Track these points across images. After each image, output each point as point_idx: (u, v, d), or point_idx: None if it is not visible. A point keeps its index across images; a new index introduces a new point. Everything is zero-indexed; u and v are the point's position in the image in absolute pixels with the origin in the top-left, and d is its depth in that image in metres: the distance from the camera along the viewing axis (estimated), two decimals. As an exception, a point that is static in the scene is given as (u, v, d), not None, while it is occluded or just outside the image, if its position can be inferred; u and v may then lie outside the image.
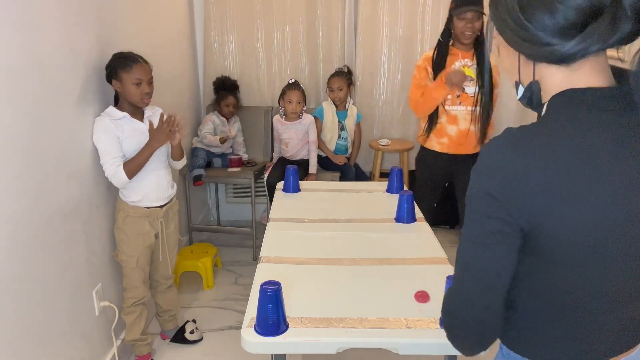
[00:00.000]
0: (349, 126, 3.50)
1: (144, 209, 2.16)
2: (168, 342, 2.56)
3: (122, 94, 2.07)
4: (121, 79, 2.03)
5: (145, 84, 2.05)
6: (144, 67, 2.07)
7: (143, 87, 2.05)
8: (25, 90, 1.63)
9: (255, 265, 1.75)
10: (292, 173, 2.46)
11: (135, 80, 2.03)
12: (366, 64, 3.60)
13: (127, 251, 2.17)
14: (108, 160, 2.03)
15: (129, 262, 2.18)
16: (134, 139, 2.09)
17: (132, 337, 2.28)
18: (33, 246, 1.69)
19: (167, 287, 2.44)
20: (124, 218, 2.15)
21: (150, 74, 2.10)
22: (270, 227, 2.05)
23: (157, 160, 2.17)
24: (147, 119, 2.15)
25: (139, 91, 2.04)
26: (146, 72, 2.07)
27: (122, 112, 2.07)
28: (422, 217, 2.15)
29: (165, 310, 2.49)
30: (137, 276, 2.21)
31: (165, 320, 2.52)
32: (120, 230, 2.16)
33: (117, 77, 2.03)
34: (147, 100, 2.09)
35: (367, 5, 3.49)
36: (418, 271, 1.71)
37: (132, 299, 2.23)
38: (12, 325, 1.59)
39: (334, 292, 1.58)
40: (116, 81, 2.05)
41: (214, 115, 3.39)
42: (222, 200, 4.04)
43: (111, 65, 2.05)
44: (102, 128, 2.03)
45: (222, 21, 3.56)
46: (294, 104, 3.23)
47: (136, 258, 2.18)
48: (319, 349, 1.36)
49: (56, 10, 1.80)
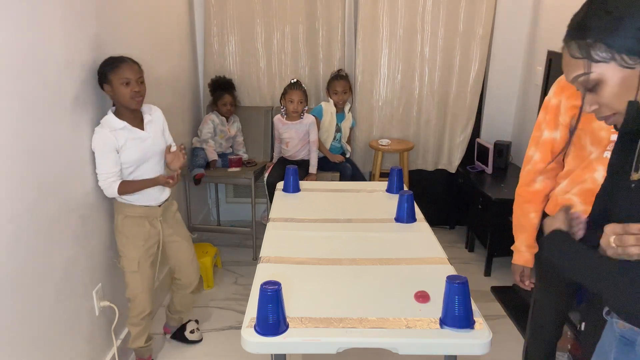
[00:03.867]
0: (345, 129, 3.55)
1: (142, 208, 2.15)
2: (168, 337, 2.58)
3: (113, 97, 2.03)
4: (110, 82, 1.99)
5: (134, 82, 2.00)
6: (132, 66, 2.02)
7: (132, 86, 1.99)
8: (25, 91, 1.63)
9: (255, 265, 1.75)
10: (292, 173, 2.46)
11: (123, 80, 1.98)
12: (366, 64, 3.60)
13: (127, 254, 2.15)
14: (102, 174, 2.02)
15: (130, 265, 2.15)
16: (134, 148, 2.06)
17: (137, 345, 2.28)
18: (33, 246, 1.69)
19: (188, 292, 2.44)
20: (123, 220, 2.13)
21: (140, 73, 2.04)
22: (270, 227, 2.05)
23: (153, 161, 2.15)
24: (147, 125, 2.12)
25: (128, 90, 1.99)
26: (134, 70, 2.01)
27: (122, 122, 2.02)
28: (422, 217, 2.15)
29: (178, 310, 2.51)
30: (138, 282, 2.17)
31: (172, 318, 2.54)
32: (120, 233, 2.14)
33: (107, 79, 2.00)
34: (137, 99, 2.03)
35: (367, 5, 3.49)
36: (418, 271, 1.71)
37: (136, 310, 2.21)
38: (12, 325, 1.59)
39: (334, 292, 1.58)
40: (107, 85, 2.01)
41: (213, 115, 3.40)
42: (222, 200, 4.04)
43: (100, 69, 2.02)
44: (101, 141, 2.00)
45: (222, 21, 3.56)
46: (295, 103, 3.23)
47: (137, 261, 2.15)
48: (319, 349, 1.36)
49: (56, 10, 1.80)
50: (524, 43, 3.61)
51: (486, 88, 3.74)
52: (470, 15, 3.48)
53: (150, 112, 2.17)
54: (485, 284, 3.15)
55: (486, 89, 3.74)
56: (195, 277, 2.42)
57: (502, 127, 3.82)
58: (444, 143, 3.78)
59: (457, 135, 3.73)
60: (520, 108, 3.70)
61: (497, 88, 3.74)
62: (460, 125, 3.70)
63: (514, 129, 3.79)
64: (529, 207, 1.77)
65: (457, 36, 3.52)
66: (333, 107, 3.44)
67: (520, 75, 3.69)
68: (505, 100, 3.76)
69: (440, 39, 3.54)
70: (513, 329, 2.67)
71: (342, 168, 3.44)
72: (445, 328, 1.40)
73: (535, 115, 2.96)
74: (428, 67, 3.60)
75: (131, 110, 2.06)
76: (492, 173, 3.49)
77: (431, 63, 3.59)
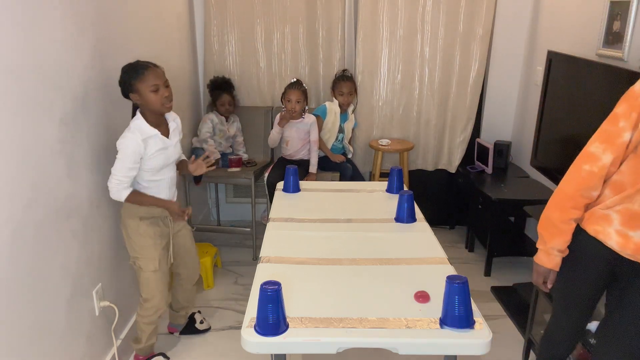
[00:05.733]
0: (347, 129, 3.55)
1: (157, 209, 2.16)
2: (177, 334, 2.60)
3: (142, 105, 2.02)
4: (138, 90, 1.98)
5: (162, 88, 2.00)
6: (157, 71, 2.01)
7: (161, 92, 2.00)
8: (25, 90, 1.63)
9: (255, 265, 1.75)
10: (292, 173, 2.46)
11: (152, 87, 1.97)
12: (366, 64, 3.60)
13: (147, 254, 2.14)
14: (117, 176, 2.00)
15: (150, 265, 2.15)
16: (160, 156, 2.07)
17: (150, 342, 2.30)
18: (33, 246, 1.69)
19: (192, 284, 2.48)
20: (138, 222, 2.13)
21: (164, 76, 2.04)
22: (270, 227, 2.05)
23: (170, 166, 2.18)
24: (172, 133, 2.14)
25: (158, 97, 1.99)
26: (160, 75, 2.01)
27: (154, 130, 2.03)
28: (422, 217, 2.15)
29: (182, 306, 2.53)
30: (158, 281, 2.18)
31: (178, 315, 2.56)
32: (137, 234, 2.13)
33: (133, 89, 1.98)
34: (168, 105, 2.04)
35: (367, 5, 3.49)
36: (418, 271, 1.71)
37: (154, 308, 2.21)
38: (12, 325, 1.59)
39: (334, 292, 1.58)
40: (133, 94, 2.00)
41: (212, 115, 3.40)
42: (222, 200, 4.04)
43: (123, 79, 2.00)
44: (130, 146, 1.97)
45: (222, 21, 3.56)
46: (292, 103, 3.23)
47: (158, 260, 2.16)
48: (319, 349, 1.36)
49: (55, 10, 1.80)
50: (524, 43, 3.61)
51: (486, 88, 3.74)
52: (470, 15, 3.48)
53: (174, 119, 2.19)
54: (485, 284, 3.15)
55: (486, 89, 3.74)
56: (197, 269, 2.47)
57: (502, 127, 3.82)
58: (444, 143, 3.78)
59: (457, 135, 3.73)
60: (520, 108, 3.70)
61: (497, 88, 3.74)
62: (460, 125, 3.70)
63: (514, 129, 3.79)
64: (575, 214, 1.58)
65: (457, 36, 3.52)
66: (338, 108, 3.45)
67: (520, 75, 3.69)
68: (505, 100, 3.77)
69: (440, 39, 3.54)
70: (513, 329, 2.67)
71: (343, 168, 3.44)
72: (445, 328, 1.40)
73: (536, 115, 2.97)
74: (428, 67, 3.60)
75: (159, 115, 2.08)
76: (492, 173, 3.49)
77: (431, 63, 3.60)
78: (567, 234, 1.62)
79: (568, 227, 1.60)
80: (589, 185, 1.53)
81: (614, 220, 1.53)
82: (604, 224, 1.55)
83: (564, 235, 1.61)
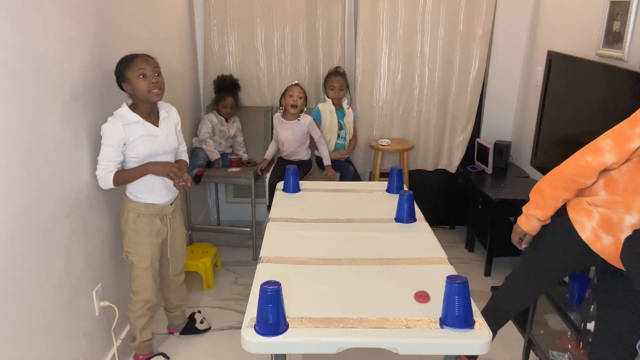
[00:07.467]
0: (348, 124, 3.51)
1: (156, 206, 2.16)
2: (178, 335, 2.60)
3: (133, 95, 2.03)
4: (128, 78, 1.99)
5: (150, 74, 1.99)
6: (146, 59, 2.01)
7: (149, 78, 1.99)
8: (24, 90, 1.63)
9: (255, 265, 1.75)
10: (292, 173, 2.46)
11: (139, 72, 1.97)
12: (366, 64, 3.60)
13: (140, 251, 2.16)
14: (102, 162, 2.01)
15: (142, 262, 2.16)
16: (147, 143, 2.06)
17: (145, 337, 2.29)
18: (33, 246, 1.69)
19: (179, 284, 2.48)
20: (135, 218, 2.13)
21: (155, 64, 2.03)
22: (270, 227, 2.05)
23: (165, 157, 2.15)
24: (162, 122, 2.12)
25: (145, 83, 1.98)
26: (148, 62, 2.01)
27: (136, 116, 2.02)
28: (422, 217, 2.15)
29: (176, 306, 2.53)
30: (149, 276, 2.20)
31: (175, 316, 2.56)
32: (133, 231, 2.14)
33: (124, 77, 2.00)
34: (156, 91, 2.01)
35: (367, 5, 3.49)
36: (418, 271, 1.71)
37: (142, 302, 2.22)
38: (12, 325, 1.59)
39: (334, 292, 1.58)
40: (125, 83, 2.01)
41: (212, 115, 3.40)
42: (222, 200, 4.04)
43: (116, 69, 2.02)
44: (110, 132, 1.98)
45: (222, 21, 3.56)
46: (295, 97, 3.20)
47: (150, 258, 2.17)
48: (319, 349, 1.36)
49: (55, 10, 1.80)
50: (524, 43, 3.61)
51: (486, 88, 3.74)
52: (470, 15, 3.48)
53: (167, 109, 2.18)
54: (485, 284, 3.15)
55: (486, 89, 3.74)
56: (182, 267, 2.48)
57: (502, 127, 3.82)
58: (444, 143, 3.78)
59: (457, 135, 3.73)
60: (520, 108, 3.70)
61: (497, 88, 3.74)
62: (460, 126, 3.70)
63: (514, 129, 3.79)
64: (564, 194, 1.68)
65: (457, 36, 3.53)
66: (331, 106, 3.42)
67: (520, 75, 3.69)
68: (505, 100, 3.77)
69: (440, 39, 3.54)
70: (513, 329, 2.67)
71: (344, 168, 3.43)
72: (445, 328, 1.40)
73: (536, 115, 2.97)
74: (428, 67, 3.60)
75: (149, 104, 2.06)
76: (492, 173, 3.49)
77: (431, 63, 3.60)
78: (551, 210, 1.72)
79: (554, 203, 1.71)
80: (584, 174, 1.61)
81: (594, 218, 1.61)
82: (584, 217, 1.64)
83: (548, 210, 1.73)
